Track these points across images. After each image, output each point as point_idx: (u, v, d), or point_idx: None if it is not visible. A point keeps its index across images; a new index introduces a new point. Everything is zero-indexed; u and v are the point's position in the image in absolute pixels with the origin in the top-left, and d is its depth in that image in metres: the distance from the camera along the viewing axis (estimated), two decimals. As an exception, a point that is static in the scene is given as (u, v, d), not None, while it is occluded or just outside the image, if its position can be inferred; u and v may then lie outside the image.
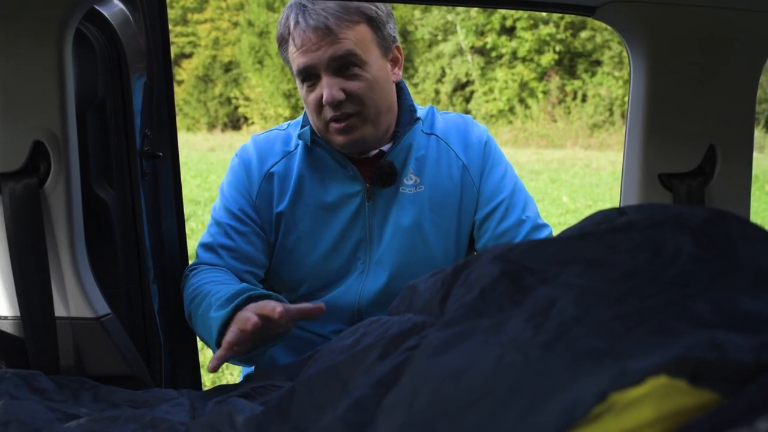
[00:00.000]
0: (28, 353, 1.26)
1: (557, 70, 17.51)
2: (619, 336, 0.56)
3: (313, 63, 1.44)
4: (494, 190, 1.59)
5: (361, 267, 1.57)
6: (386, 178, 1.53)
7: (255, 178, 1.58)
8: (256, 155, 1.60)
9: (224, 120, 21.15)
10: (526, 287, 0.72)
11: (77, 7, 1.22)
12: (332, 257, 1.57)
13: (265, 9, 20.25)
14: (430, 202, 1.56)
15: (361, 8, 1.45)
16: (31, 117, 1.22)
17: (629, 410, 0.48)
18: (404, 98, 1.60)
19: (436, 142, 1.59)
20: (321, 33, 1.42)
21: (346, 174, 1.54)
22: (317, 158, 1.57)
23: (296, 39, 1.45)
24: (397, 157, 1.55)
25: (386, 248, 1.55)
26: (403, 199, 1.55)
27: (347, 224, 1.55)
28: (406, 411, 0.63)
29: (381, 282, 1.55)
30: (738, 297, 0.58)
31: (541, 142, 15.96)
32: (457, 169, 1.58)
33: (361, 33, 1.45)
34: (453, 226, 1.58)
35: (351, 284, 1.57)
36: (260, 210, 1.58)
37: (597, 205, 8.58)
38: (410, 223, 1.55)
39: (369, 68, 1.46)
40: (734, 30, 1.33)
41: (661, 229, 0.73)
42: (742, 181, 1.42)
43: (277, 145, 1.61)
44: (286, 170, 1.58)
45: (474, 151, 1.60)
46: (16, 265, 1.23)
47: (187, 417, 1.11)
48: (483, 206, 1.60)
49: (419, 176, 1.56)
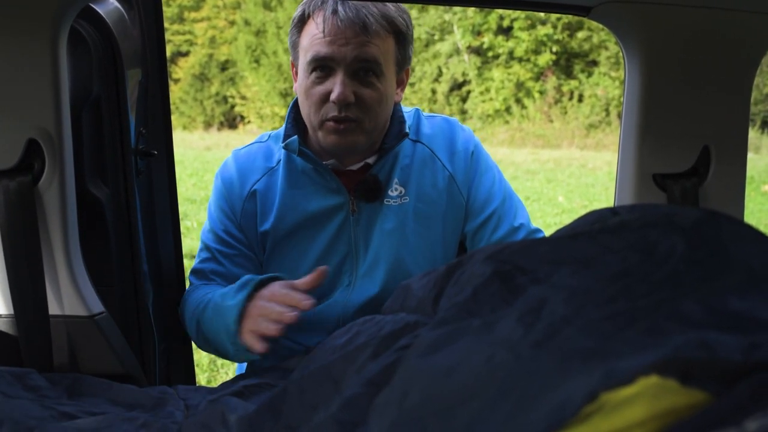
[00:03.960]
0: (21, 351, 1.26)
1: (554, 70, 17.52)
2: (610, 336, 0.56)
3: (336, 56, 1.39)
4: (485, 200, 1.58)
5: (347, 280, 1.55)
6: (371, 194, 1.51)
7: (237, 198, 1.55)
8: (237, 174, 1.56)
9: (220, 119, 21.10)
10: (518, 287, 0.72)
11: (72, 5, 1.22)
12: None
13: (261, 8, 20.23)
14: (415, 212, 1.54)
15: (395, 21, 1.42)
16: (26, 115, 1.22)
17: (620, 410, 0.48)
18: (396, 110, 1.56)
19: (421, 150, 1.57)
20: (357, 29, 1.37)
21: (329, 187, 1.51)
22: (300, 172, 1.53)
23: (325, 25, 1.38)
24: (382, 170, 1.53)
25: (372, 261, 1.54)
26: (387, 211, 1.53)
27: (332, 238, 1.53)
28: (398, 410, 0.63)
29: (367, 294, 1.53)
30: (728, 297, 0.58)
31: (538, 142, 15.96)
32: (442, 178, 1.56)
33: (388, 45, 1.43)
34: (438, 236, 1.56)
35: (337, 297, 1.55)
36: (246, 229, 1.55)
37: (593, 205, 8.58)
38: (395, 234, 1.53)
39: (384, 81, 1.44)
40: (729, 30, 1.34)
41: (654, 229, 0.73)
42: (737, 182, 1.43)
43: (258, 160, 1.57)
44: (268, 187, 1.54)
45: (460, 159, 1.57)
46: (10, 263, 1.23)
47: (180, 416, 1.11)
48: (474, 216, 1.58)
49: (404, 186, 1.54)
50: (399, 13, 1.44)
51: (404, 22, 1.44)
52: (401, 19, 1.44)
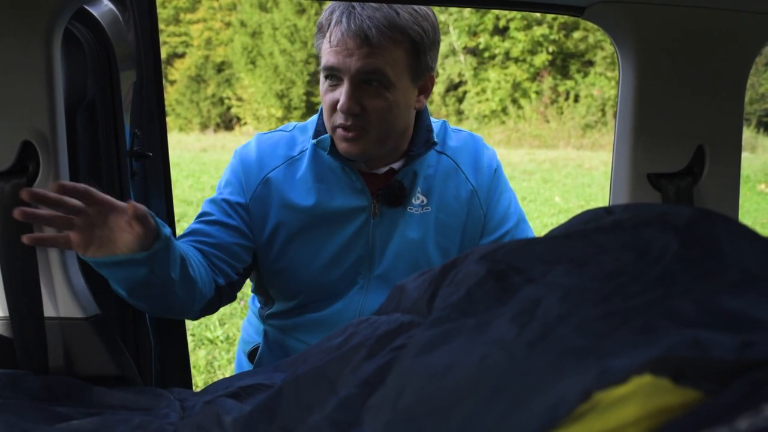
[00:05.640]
0: (16, 353, 1.26)
1: (550, 70, 17.55)
2: (604, 335, 0.57)
3: (340, 67, 1.40)
4: (501, 220, 1.61)
5: (361, 282, 1.56)
6: (395, 200, 1.52)
7: (253, 180, 1.54)
8: (256, 157, 1.56)
9: (217, 120, 21.10)
10: (512, 286, 0.72)
11: (66, 7, 1.22)
12: (332, 270, 1.55)
13: (257, 9, 20.24)
14: (436, 222, 1.56)
15: (406, 30, 1.41)
16: (20, 117, 1.21)
17: (613, 409, 0.48)
18: (423, 118, 1.56)
19: (446, 162, 1.59)
20: (359, 41, 1.38)
21: (354, 187, 1.52)
22: (325, 168, 1.54)
23: (333, 36, 1.41)
24: (407, 177, 1.54)
25: (389, 265, 1.55)
26: (409, 218, 1.55)
27: (350, 238, 1.54)
28: (392, 410, 0.63)
29: (381, 299, 1.53)
30: (722, 296, 0.58)
31: (534, 143, 15.99)
32: (465, 191, 1.58)
33: (397, 55, 1.41)
34: (456, 247, 1.58)
35: (352, 299, 1.55)
36: (252, 212, 1.54)
37: (589, 204, 8.60)
38: (415, 242, 1.54)
39: (394, 91, 1.43)
40: (723, 30, 1.34)
41: (648, 228, 0.73)
42: (731, 182, 1.43)
43: (280, 148, 1.57)
44: (287, 177, 1.54)
45: (484, 175, 1.60)
46: (5, 265, 1.23)
47: (176, 417, 1.11)
48: (489, 234, 1.61)
49: (426, 196, 1.55)
50: (415, 21, 1.42)
51: (420, 30, 1.42)
52: (417, 28, 1.42)
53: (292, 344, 1.60)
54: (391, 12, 1.39)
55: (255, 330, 1.79)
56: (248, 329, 1.83)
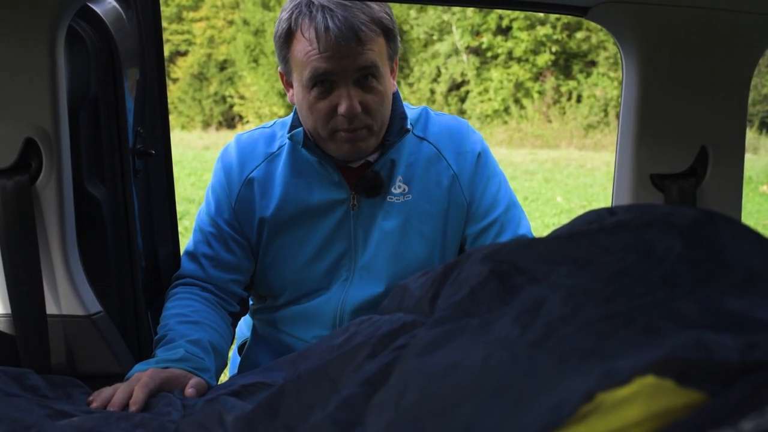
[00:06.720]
0: (18, 351, 1.26)
1: (552, 70, 17.53)
2: (607, 336, 0.56)
3: (336, 70, 1.38)
4: (489, 206, 1.57)
5: (345, 275, 1.55)
6: (371, 190, 1.51)
7: (234, 184, 1.55)
8: (236, 159, 1.56)
9: (219, 118, 21.08)
10: (515, 287, 0.72)
11: (70, 5, 1.22)
12: (316, 264, 1.55)
13: (260, 7, 20.21)
14: (417, 210, 1.54)
15: (381, 20, 1.41)
16: (23, 114, 1.22)
17: (616, 410, 0.48)
18: (396, 105, 1.54)
19: (427, 149, 1.56)
20: (351, 41, 1.36)
21: (331, 180, 1.51)
22: (302, 162, 1.53)
23: (318, 42, 1.36)
24: (384, 166, 1.52)
25: (371, 257, 1.54)
26: (389, 208, 1.53)
27: (332, 231, 1.53)
28: (394, 410, 0.63)
29: (365, 290, 1.53)
30: (725, 297, 0.58)
31: (536, 143, 15.96)
32: (446, 177, 1.55)
33: (380, 45, 1.42)
34: (438, 234, 1.56)
35: (335, 292, 1.55)
36: (240, 215, 1.55)
37: (591, 205, 8.58)
38: (395, 231, 1.53)
39: (383, 81, 1.44)
40: (726, 31, 1.34)
41: (651, 229, 0.73)
42: (734, 183, 1.43)
43: (259, 146, 1.57)
44: (268, 174, 1.54)
45: (466, 160, 1.57)
46: (8, 263, 1.23)
47: (177, 415, 1.11)
48: (477, 221, 1.58)
49: (408, 184, 1.54)
50: (381, 9, 1.43)
51: (388, 17, 1.44)
52: (386, 15, 1.44)
53: (278, 336, 1.61)
54: (361, 5, 1.40)
55: (246, 325, 1.83)
56: (240, 324, 1.88)
